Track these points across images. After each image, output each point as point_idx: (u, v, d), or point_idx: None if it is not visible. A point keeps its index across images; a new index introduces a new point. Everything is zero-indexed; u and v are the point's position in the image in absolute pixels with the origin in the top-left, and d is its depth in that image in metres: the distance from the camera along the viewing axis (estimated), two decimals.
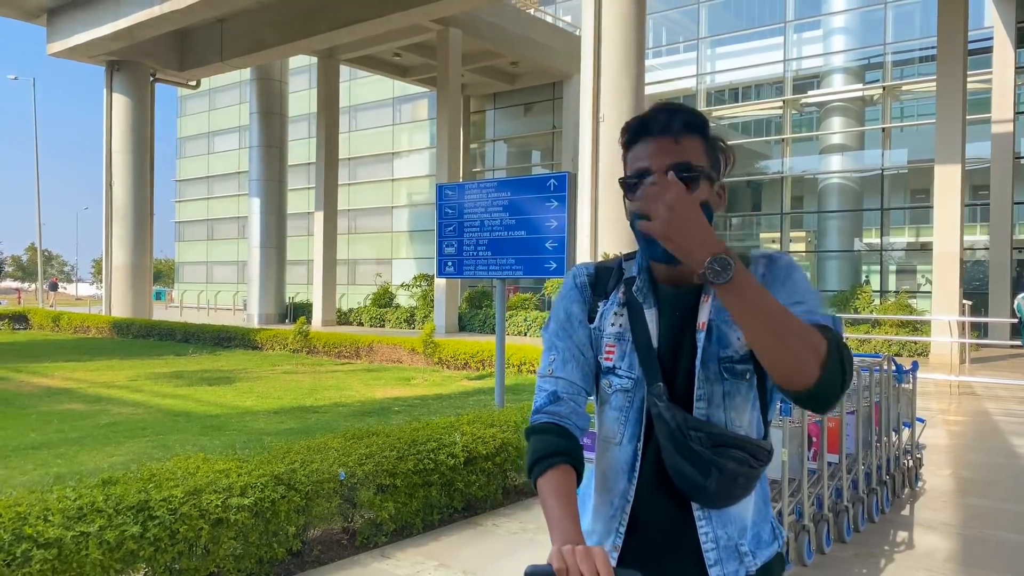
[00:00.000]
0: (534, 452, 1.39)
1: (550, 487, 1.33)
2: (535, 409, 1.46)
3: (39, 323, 23.90)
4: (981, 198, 21.62)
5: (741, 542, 1.40)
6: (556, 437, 1.39)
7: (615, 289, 1.48)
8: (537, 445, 1.39)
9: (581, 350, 1.47)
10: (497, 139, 32.50)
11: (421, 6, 19.76)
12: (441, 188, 10.53)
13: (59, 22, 24.09)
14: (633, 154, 1.39)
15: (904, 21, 23.44)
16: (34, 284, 72.36)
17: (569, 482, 1.34)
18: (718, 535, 1.39)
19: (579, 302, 1.50)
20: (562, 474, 1.34)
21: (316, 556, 4.15)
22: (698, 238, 1.15)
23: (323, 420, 8.40)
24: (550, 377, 1.46)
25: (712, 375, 1.38)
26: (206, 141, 45.55)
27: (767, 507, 1.48)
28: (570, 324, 1.48)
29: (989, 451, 7.48)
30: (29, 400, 9.79)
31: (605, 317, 1.47)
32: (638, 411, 1.43)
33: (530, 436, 1.43)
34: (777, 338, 1.18)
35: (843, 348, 1.24)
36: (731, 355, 1.38)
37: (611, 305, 1.47)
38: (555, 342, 1.48)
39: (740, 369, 1.38)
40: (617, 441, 1.45)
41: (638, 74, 13.59)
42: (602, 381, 1.47)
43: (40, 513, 3.07)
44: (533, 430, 1.43)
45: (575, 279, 1.52)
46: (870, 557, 4.39)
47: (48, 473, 5.94)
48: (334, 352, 15.65)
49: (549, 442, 1.39)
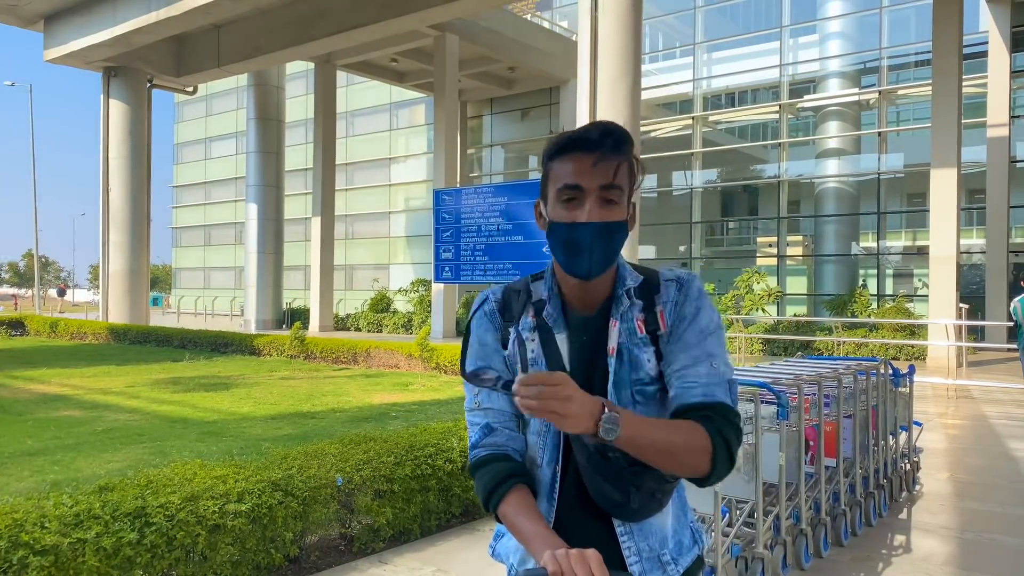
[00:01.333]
0: (486, 484, 1.40)
1: (515, 508, 1.35)
2: (472, 445, 1.46)
3: (36, 329, 23.85)
4: (977, 202, 21.69)
5: (663, 552, 1.44)
6: (502, 463, 1.42)
7: (524, 312, 1.48)
8: (487, 477, 1.41)
9: (502, 376, 1.47)
10: (494, 144, 32.54)
11: (418, 12, 19.81)
12: (438, 193, 10.58)
13: (56, 28, 24.11)
14: (560, 167, 1.39)
15: (900, 26, 23.53)
16: (31, 290, 72.25)
17: (531, 500, 1.38)
18: (640, 547, 1.43)
19: (491, 330, 1.49)
20: (522, 494, 1.38)
21: (313, 562, 4.14)
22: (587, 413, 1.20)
23: (320, 426, 8.39)
24: (479, 410, 1.47)
25: (625, 399, 1.42)
26: (203, 147, 45.55)
27: (686, 514, 1.53)
28: (486, 353, 1.49)
29: (986, 455, 7.49)
30: (25, 406, 9.76)
31: (517, 343, 1.47)
32: (555, 434, 1.45)
33: (475, 471, 1.44)
34: (669, 459, 1.31)
35: (731, 434, 1.35)
36: (642, 377, 1.43)
37: (523, 330, 1.47)
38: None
39: (651, 391, 1.44)
40: (539, 464, 1.47)
41: (635, 79, 13.62)
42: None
43: (37, 520, 3.07)
44: (477, 465, 1.44)
45: (483, 306, 1.52)
46: (868, 561, 4.39)
47: (45, 480, 5.93)
48: (331, 357, 15.64)
49: (497, 469, 1.41)
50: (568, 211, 1.37)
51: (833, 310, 20.56)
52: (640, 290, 1.46)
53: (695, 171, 26.97)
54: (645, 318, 1.44)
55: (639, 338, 1.43)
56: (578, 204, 1.37)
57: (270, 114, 28.04)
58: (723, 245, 28.30)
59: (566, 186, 1.37)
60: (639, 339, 1.43)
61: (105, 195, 25.46)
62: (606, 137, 1.37)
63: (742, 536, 3.92)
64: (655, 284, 1.46)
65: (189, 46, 25.92)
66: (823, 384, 4.56)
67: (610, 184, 1.36)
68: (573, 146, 1.37)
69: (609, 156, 1.36)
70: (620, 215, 1.38)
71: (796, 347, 17.56)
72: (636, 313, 1.44)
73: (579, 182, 1.36)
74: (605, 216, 1.36)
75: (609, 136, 1.37)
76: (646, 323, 1.44)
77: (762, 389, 3.98)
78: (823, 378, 4.58)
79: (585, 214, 1.36)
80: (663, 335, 1.44)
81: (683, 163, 27.18)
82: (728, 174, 27.24)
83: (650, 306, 1.45)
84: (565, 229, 1.38)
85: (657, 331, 1.44)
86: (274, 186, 28.12)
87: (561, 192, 1.38)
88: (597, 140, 1.36)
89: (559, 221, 1.38)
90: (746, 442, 3.87)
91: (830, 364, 5.38)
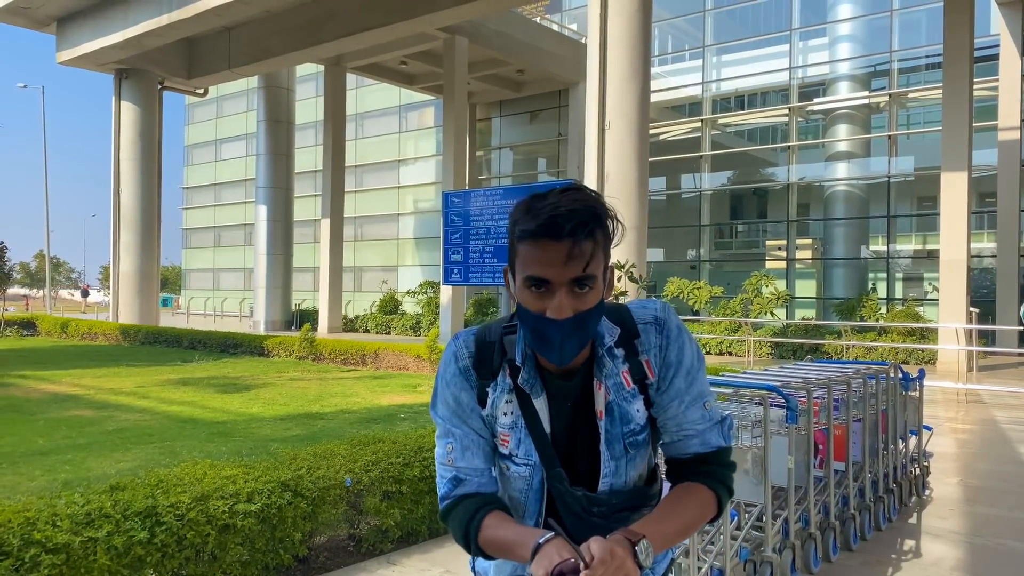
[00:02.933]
0: (461, 521, 1.39)
1: (494, 528, 1.35)
2: (442, 497, 1.45)
3: (47, 329, 24.00)
4: (988, 205, 21.58)
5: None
6: (472, 499, 1.41)
7: (500, 369, 1.42)
8: (460, 515, 1.40)
9: (479, 434, 1.45)
10: (503, 146, 32.56)
11: (427, 15, 19.86)
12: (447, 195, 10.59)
13: (68, 31, 24.28)
14: (527, 252, 1.28)
15: (910, 28, 23.43)
16: (42, 290, 72.66)
17: (507, 516, 1.38)
18: None
19: (467, 389, 1.44)
20: (498, 514, 1.38)
21: (322, 563, 4.15)
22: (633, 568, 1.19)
23: (329, 427, 8.41)
24: (451, 466, 1.44)
25: (617, 453, 1.42)
26: (213, 148, 45.75)
27: None
28: (462, 411, 1.44)
29: (997, 459, 7.45)
30: (37, 406, 9.82)
31: (496, 405, 1.43)
32: (537, 491, 1.45)
33: (448, 516, 1.43)
34: (690, 533, 1.38)
35: (728, 476, 1.43)
36: (633, 428, 1.42)
37: (500, 392, 1.42)
38: (450, 429, 1.45)
39: (642, 439, 1.44)
40: (520, 515, 1.47)
41: (644, 82, 13.62)
42: (500, 463, 1.48)
43: (49, 519, 3.09)
44: (447, 511, 1.43)
45: (457, 362, 1.44)
46: (877, 565, 4.38)
47: (56, 479, 5.97)
48: (340, 359, 15.68)
49: (470, 505, 1.40)
50: (536, 300, 1.29)
51: (842, 314, 20.48)
52: (619, 341, 1.41)
53: (704, 174, 26.92)
54: (630, 368, 1.41)
55: (627, 391, 1.41)
56: (548, 295, 1.28)
57: (280, 116, 28.15)
58: (732, 248, 28.23)
59: (533, 278, 1.28)
60: (627, 392, 1.41)
61: (116, 196, 25.62)
62: (578, 227, 1.24)
63: (751, 540, 3.92)
64: (633, 331, 1.41)
65: (200, 48, 26.06)
66: (832, 388, 4.55)
67: (582, 277, 1.26)
68: (541, 233, 1.25)
69: (582, 243, 1.25)
70: (594, 300, 1.30)
71: (805, 351, 17.50)
72: (620, 367, 1.40)
73: (548, 276, 1.26)
74: (578, 306, 1.28)
75: (579, 225, 1.24)
76: (632, 373, 1.41)
77: (771, 392, 3.97)
78: (832, 381, 4.57)
79: (556, 309, 1.27)
80: (652, 383, 1.42)
81: (692, 166, 27.13)
82: (737, 177, 27.17)
83: (632, 354, 1.41)
84: (534, 319, 1.30)
85: (645, 380, 1.42)
86: (283, 188, 28.23)
87: (528, 280, 1.28)
88: (569, 230, 1.24)
89: (527, 309, 1.31)
90: (755, 446, 3.87)
91: (840, 368, 5.36)
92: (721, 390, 4.16)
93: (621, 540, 1.21)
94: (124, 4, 22.25)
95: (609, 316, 1.41)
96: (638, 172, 13.28)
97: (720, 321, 20.10)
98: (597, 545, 1.17)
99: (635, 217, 13.21)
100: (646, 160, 13.63)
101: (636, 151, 13.26)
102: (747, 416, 3.90)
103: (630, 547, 1.21)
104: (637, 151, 13.27)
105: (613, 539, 1.21)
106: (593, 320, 1.32)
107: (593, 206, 1.28)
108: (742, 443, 3.87)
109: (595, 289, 1.30)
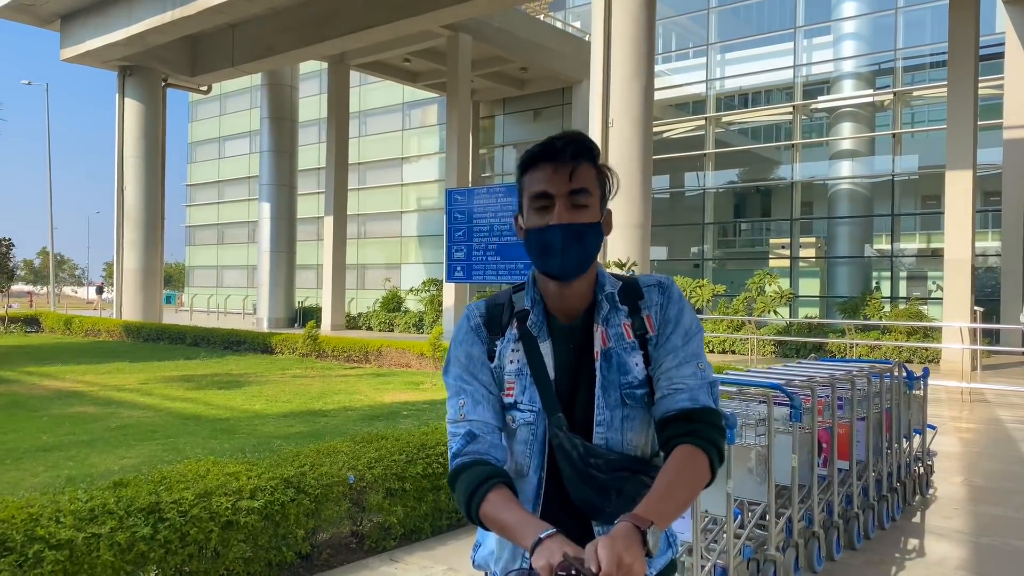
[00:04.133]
0: (466, 488, 1.40)
1: (496, 506, 1.35)
2: (453, 454, 1.47)
3: (51, 326, 24.05)
4: (993, 204, 21.51)
5: None
6: (481, 467, 1.42)
7: (509, 324, 1.52)
8: (466, 481, 1.41)
9: (489, 389, 1.50)
10: (506, 144, 32.55)
11: (431, 12, 19.84)
12: (451, 193, 10.60)
13: (72, 28, 24.31)
14: (531, 178, 1.46)
15: (915, 26, 23.37)
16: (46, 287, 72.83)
17: (513, 496, 1.39)
18: None
19: (477, 344, 1.52)
20: (503, 492, 1.38)
21: (325, 559, 4.15)
22: (641, 556, 1.19)
23: (332, 424, 8.42)
24: (463, 421, 1.48)
25: (612, 402, 1.46)
26: (217, 146, 45.80)
27: None
28: (473, 366, 1.51)
29: (1001, 459, 7.43)
30: (40, 403, 9.84)
31: (503, 355, 1.50)
32: (541, 442, 1.48)
33: (456, 479, 1.44)
34: (690, 501, 1.38)
35: (717, 437, 1.43)
36: (631, 381, 1.47)
37: (508, 342, 1.51)
38: (462, 386, 1.51)
39: (639, 394, 1.47)
40: (525, 473, 1.50)
41: (647, 79, 13.59)
42: (507, 416, 1.51)
43: (52, 515, 3.09)
44: (457, 471, 1.44)
45: (469, 321, 1.55)
46: (881, 564, 4.37)
47: (59, 475, 5.98)
48: (343, 356, 15.69)
49: (476, 473, 1.41)
50: (540, 218, 1.44)
51: (846, 312, 20.44)
52: (623, 295, 1.51)
53: (708, 172, 26.88)
54: (632, 323, 1.49)
55: (627, 343, 1.48)
56: (549, 210, 1.43)
57: (283, 114, 28.16)
58: (735, 246, 28.20)
59: (536, 194, 1.45)
60: (627, 343, 1.48)
61: (120, 193, 25.65)
62: (569, 145, 1.43)
63: (754, 538, 3.91)
64: (637, 290, 1.51)
65: (203, 46, 26.07)
66: (836, 386, 4.54)
67: (577, 188, 1.43)
68: (540, 157, 1.45)
69: (574, 162, 1.43)
70: (590, 217, 1.44)
71: (808, 349, 17.47)
72: (622, 319, 1.49)
73: (547, 189, 1.43)
74: (575, 218, 1.43)
75: (572, 144, 1.44)
76: (633, 327, 1.49)
77: (775, 391, 3.96)
78: (836, 380, 4.56)
79: (555, 217, 1.42)
80: (652, 338, 1.49)
81: (695, 164, 27.10)
82: (741, 175, 27.13)
83: (635, 311, 1.50)
84: (537, 233, 1.44)
85: (646, 335, 1.49)
86: (287, 185, 28.24)
87: (533, 200, 1.45)
88: (561, 148, 1.43)
89: (532, 227, 1.45)
90: (759, 444, 3.86)
91: (843, 366, 5.35)
92: (725, 388, 4.15)
93: (630, 530, 1.20)
94: (128, 1, 22.26)
95: (614, 276, 1.55)
96: (642, 170, 13.26)
97: (723, 319, 20.08)
98: (604, 551, 1.16)
99: (638, 215, 13.19)
100: (650, 158, 13.61)
101: (640, 149, 13.24)
102: (751, 415, 3.89)
103: (639, 536, 1.20)
104: (641, 149, 13.25)
105: (621, 535, 1.19)
106: (589, 237, 1.44)
107: (585, 140, 1.47)
108: (746, 441, 3.86)
109: (591, 208, 1.45)
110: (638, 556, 1.18)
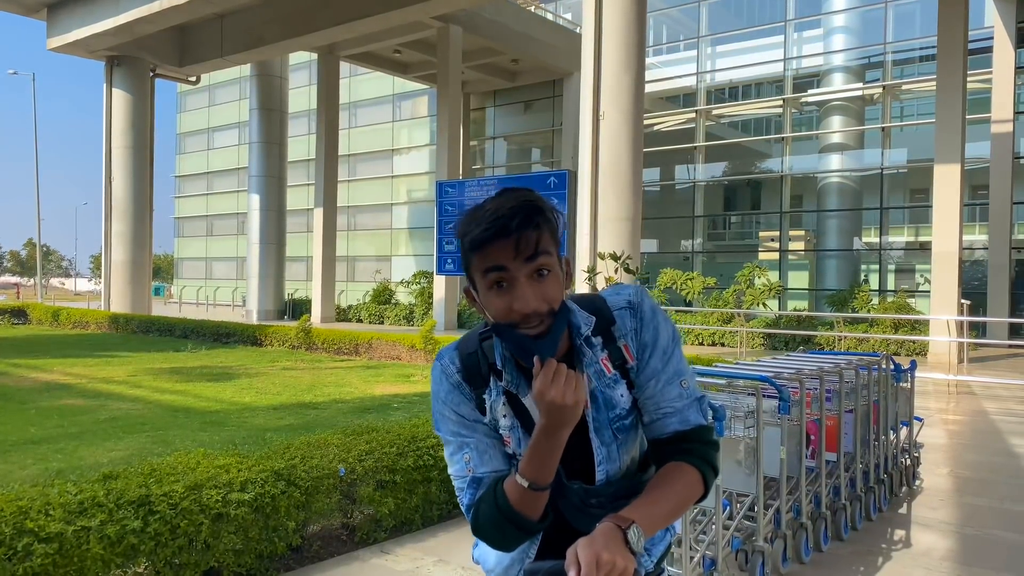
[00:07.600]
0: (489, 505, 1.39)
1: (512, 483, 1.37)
2: (466, 507, 1.45)
3: (38, 318, 23.90)
4: (980, 198, 21.65)
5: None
6: (490, 484, 1.42)
7: (488, 375, 1.45)
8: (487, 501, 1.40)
9: (490, 437, 1.46)
10: (497, 136, 32.49)
11: (421, 3, 19.75)
12: (441, 185, 10.58)
13: (59, 17, 24.07)
14: (483, 255, 1.32)
15: (904, 20, 23.44)
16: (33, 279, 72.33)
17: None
18: None
19: (464, 402, 1.46)
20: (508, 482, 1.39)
21: (316, 551, 4.16)
22: (629, 559, 1.20)
23: (323, 416, 8.41)
24: (471, 476, 1.45)
25: (607, 439, 1.45)
26: (206, 137, 45.51)
27: None
28: (467, 422, 1.46)
29: (987, 450, 7.50)
30: (28, 395, 9.79)
31: (495, 409, 1.45)
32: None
33: (478, 519, 1.42)
34: (680, 514, 1.40)
35: (711, 454, 1.43)
36: (619, 413, 1.45)
37: (496, 397, 1.45)
38: (463, 440, 1.46)
39: (628, 423, 1.46)
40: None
41: (638, 72, 13.58)
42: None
43: (41, 508, 3.08)
44: (475, 515, 1.43)
45: (448, 379, 1.47)
46: (868, 555, 4.41)
47: (48, 468, 5.95)
48: (333, 349, 15.66)
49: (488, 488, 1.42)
50: (501, 298, 1.32)
51: (834, 305, 20.56)
52: (596, 329, 1.43)
53: (698, 165, 26.92)
54: (610, 354, 1.44)
55: (609, 378, 1.44)
56: (510, 289, 1.31)
57: (273, 105, 28.00)
58: (725, 239, 28.28)
59: (492, 268, 1.31)
60: (609, 379, 1.44)
61: (108, 185, 25.47)
62: (517, 216, 1.30)
63: (743, 529, 3.94)
64: (609, 318, 1.44)
65: (192, 36, 25.87)
66: (825, 379, 4.57)
67: (538, 260, 1.31)
68: (492, 235, 1.30)
69: (528, 233, 1.30)
70: (555, 287, 1.33)
71: (797, 342, 17.57)
72: (599, 355, 1.43)
73: (504, 263, 1.30)
74: (542, 291, 1.32)
75: (519, 213, 1.30)
76: (612, 359, 1.44)
77: (764, 383, 3.98)
78: (825, 372, 4.59)
79: (521, 300, 1.30)
80: (632, 367, 1.45)
81: (686, 157, 27.13)
82: (731, 168, 27.19)
83: (610, 341, 1.44)
84: (513, 334, 1.34)
85: (626, 364, 1.45)
86: (276, 177, 28.11)
87: (488, 276, 1.32)
88: (514, 226, 1.29)
89: (504, 322, 1.33)
90: (748, 436, 3.89)
91: (832, 359, 5.39)
92: (714, 381, 4.18)
93: (611, 530, 1.22)
94: None
95: (584, 307, 1.44)
96: (632, 163, 13.26)
97: (713, 312, 20.15)
98: (583, 551, 1.18)
99: (629, 208, 13.21)
100: (640, 151, 13.62)
101: (630, 142, 13.24)
102: (740, 407, 3.92)
103: (620, 534, 1.22)
104: (631, 142, 13.25)
105: (601, 534, 1.21)
106: (561, 321, 1.35)
107: (532, 201, 1.33)
108: (735, 433, 3.88)
109: (553, 273, 1.34)
110: (619, 553, 1.18)
